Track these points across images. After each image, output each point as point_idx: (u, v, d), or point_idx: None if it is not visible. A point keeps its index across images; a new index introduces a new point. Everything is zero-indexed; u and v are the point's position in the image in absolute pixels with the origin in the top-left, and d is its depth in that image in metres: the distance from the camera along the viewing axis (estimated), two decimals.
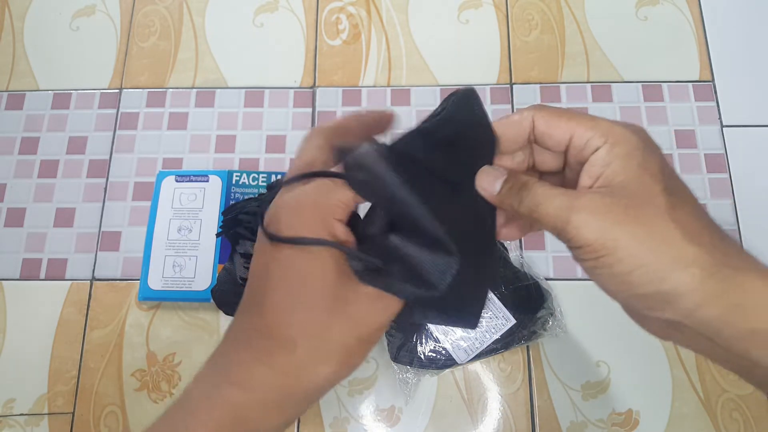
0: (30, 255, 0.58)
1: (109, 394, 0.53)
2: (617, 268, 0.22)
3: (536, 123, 0.26)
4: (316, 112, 0.62)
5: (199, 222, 0.54)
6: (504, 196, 0.25)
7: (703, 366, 0.53)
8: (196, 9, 0.67)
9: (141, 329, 0.55)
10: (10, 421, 0.52)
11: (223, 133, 0.61)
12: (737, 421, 0.51)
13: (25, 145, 0.61)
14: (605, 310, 0.55)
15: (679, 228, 0.22)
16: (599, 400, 0.52)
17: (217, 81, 0.63)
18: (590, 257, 0.23)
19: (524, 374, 0.53)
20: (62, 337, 0.55)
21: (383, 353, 0.53)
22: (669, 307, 0.22)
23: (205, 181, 0.56)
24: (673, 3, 0.65)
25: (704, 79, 0.62)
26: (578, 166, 0.25)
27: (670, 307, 0.22)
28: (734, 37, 0.64)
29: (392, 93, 0.62)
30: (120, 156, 0.61)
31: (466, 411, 0.52)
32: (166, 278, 0.53)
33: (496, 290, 0.52)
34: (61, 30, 0.66)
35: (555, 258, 0.56)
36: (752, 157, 0.59)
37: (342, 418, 0.52)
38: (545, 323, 0.52)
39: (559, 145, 0.25)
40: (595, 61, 0.63)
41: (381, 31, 0.65)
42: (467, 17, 0.65)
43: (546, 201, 0.24)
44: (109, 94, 0.63)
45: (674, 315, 0.22)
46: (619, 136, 0.24)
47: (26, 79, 0.64)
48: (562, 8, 0.65)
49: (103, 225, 0.58)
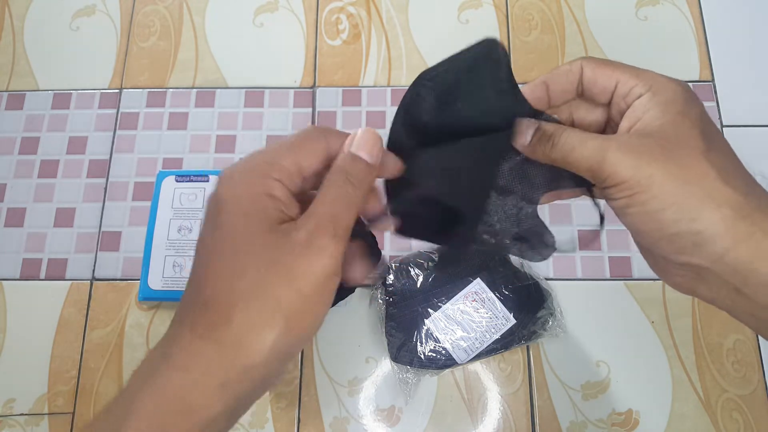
0: (30, 255, 0.58)
1: (109, 394, 0.53)
2: (650, 206, 0.22)
3: (584, 70, 0.26)
4: (316, 112, 0.62)
5: (199, 222, 0.54)
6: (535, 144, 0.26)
7: (703, 366, 0.53)
8: (196, 9, 0.67)
9: (141, 329, 0.55)
10: (10, 421, 0.52)
11: (223, 133, 0.61)
12: (737, 421, 0.51)
13: (25, 145, 0.61)
14: (605, 310, 0.55)
15: (714, 169, 0.22)
16: (599, 400, 0.52)
17: (217, 81, 0.63)
18: (624, 195, 0.23)
19: (524, 374, 0.53)
20: (62, 337, 0.55)
21: (383, 353, 0.53)
22: (698, 251, 0.22)
23: (206, 181, 0.56)
24: (673, 3, 0.65)
25: (704, 79, 0.62)
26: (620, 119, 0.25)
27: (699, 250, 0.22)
28: (734, 37, 0.64)
29: (392, 93, 0.62)
30: (120, 156, 0.61)
31: (466, 411, 0.52)
32: (166, 278, 0.53)
33: (497, 290, 0.52)
34: (61, 30, 0.66)
35: (555, 258, 0.56)
36: (752, 157, 0.59)
37: (342, 418, 0.52)
38: (545, 323, 0.52)
39: (605, 92, 0.26)
40: None
41: (381, 31, 0.65)
42: (467, 17, 0.65)
43: (581, 144, 0.24)
44: (109, 94, 0.63)
45: (702, 259, 0.22)
46: (663, 85, 0.24)
47: (26, 79, 0.64)
48: (562, 8, 0.65)
49: (103, 225, 0.58)
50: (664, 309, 0.55)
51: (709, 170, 0.22)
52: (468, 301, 0.52)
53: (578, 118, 0.28)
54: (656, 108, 0.24)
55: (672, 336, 0.54)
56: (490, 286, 0.52)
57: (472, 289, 0.52)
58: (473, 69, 0.25)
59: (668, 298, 0.55)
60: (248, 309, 0.21)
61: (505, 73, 0.25)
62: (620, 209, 0.24)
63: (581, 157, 0.24)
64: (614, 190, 0.23)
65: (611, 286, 0.55)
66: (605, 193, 0.24)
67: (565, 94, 0.27)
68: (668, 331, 0.54)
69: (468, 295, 0.52)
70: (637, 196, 0.22)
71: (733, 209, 0.21)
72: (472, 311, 0.51)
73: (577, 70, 0.26)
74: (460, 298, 0.52)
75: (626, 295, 0.55)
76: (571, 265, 0.56)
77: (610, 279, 0.56)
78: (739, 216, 0.21)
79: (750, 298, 0.22)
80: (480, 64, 0.25)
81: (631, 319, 0.54)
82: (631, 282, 0.55)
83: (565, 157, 0.25)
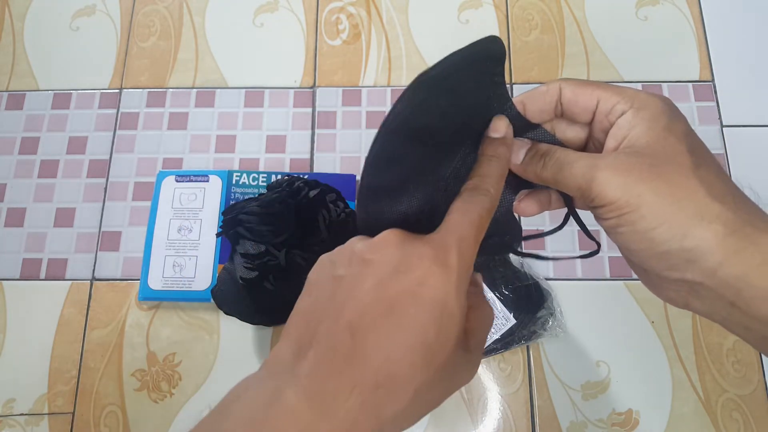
0: (30, 255, 0.58)
1: (109, 394, 0.53)
2: (640, 225, 0.22)
3: (563, 91, 0.26)
4: (316, 112, 0.62)
5: (199, 222, 0.54)
6: (527, 163, 0.26)
7: (703, 366, 0.53)
8: (196, 9, 0.67)
9: (141, 329, 0.55)
10: (10, 421, 0.52)
11: (223, 133, 0.61)
12: (737, 421, 0.51)
13: (25, 145, 0.61)
14: (605, 310, 0.55)
15: (703, 185, 0.22)
16: (599, 400, 0.52)
17: (217, 81, 0.63)
18: (614, 215, 0.23)
19: (524, 374, 0.53)
20: (62, 337, 0.55)
21: None
22: (691, 267, 0.22)
23: (205, 181, 0.56)
24: (673, 3, 0.65)
25: (704, 79, 0.62)
26: (603, 136, 0.25)
27: (692, 266, 0.22)
28: (734, 37, 0.64)
29: (392, 93, 0.62)
30: (120, 156, 0.61)
31: (466, 411, 0.52)
32: (166, 278, 0.53)
33: (497, 290, 0.52)
34: (61, 30, 0.66)
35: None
36: (752, 157, 0.59)
37: None
38: (545, 323, 0.52)
39: (586, 111, 0.26)
40: (595, 61, 0.63)
41: (381, 31, 0.65)
42: (467, 17, 0.65)
43: (570, 163, 0.24)
44: (109, 94, 0.63)
45: (695, 275, 0.22)
46: (645, 101, 0.24)
47: (26, 79, 0.64)
48: (562, 8, 0.65)
49: (103, 225, 0.58)
50: (664, 309, 0.55)
51: (698, 187, 0.22)
52: None
53: (559, 133, 0.28)
54: (641, 124, 0.23)
55: (672, 336, 0.54)
56: (490, 286, 0.52)
57: None
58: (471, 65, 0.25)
59: None
60: (413, 403, 0.22)
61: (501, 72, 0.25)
62: (610, 229, 0.24)
63: (571, 177, 0.24)
64: (604, 210, 0.23)
65: (611, 286, 0.55)
66: (595, 213, 0.24)
67: (542, 114, 0.27)
68: (668, 331, 0.54)
69: None
70: (627, 216, 0.22)
71: (724, 225, 0.21)
72: None
73: (555, 91, 0.26)
74: None
75: (626, 295, 0.55)
76: (571, 265, 0.56)
77: (610, 279, 0.56)
78: (730, 231, 0.21)
79: (743, 311, 0.22)
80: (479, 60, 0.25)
81: (631, 319, 0.54)
82: (631, 282, 0.55)
83: (555, 176, 0.25)
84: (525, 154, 0.26)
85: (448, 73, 0.24)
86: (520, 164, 0.26)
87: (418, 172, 0.27)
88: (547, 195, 0.29)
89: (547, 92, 0.26)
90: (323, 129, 0.61)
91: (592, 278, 0.56)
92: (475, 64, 0.24)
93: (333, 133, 0.61)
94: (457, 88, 0.24)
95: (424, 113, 0.25)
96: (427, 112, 0.25)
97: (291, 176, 0.54)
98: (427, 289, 0.21)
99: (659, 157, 0.23)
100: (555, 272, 0.56)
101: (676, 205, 0.22)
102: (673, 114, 0.24)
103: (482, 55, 0.24)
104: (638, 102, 0.24)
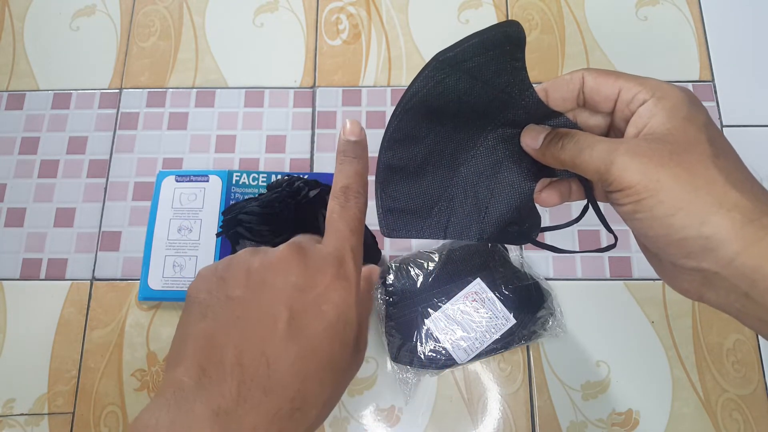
0: (30, 255, 0.58)
1: (109, 394, 0.53)
2: (658, 211, 0.22)
3: (585, 80, 0.26)
4: (316, 112, 0.62)
5: (199, 222, 0.54)
6: (546, 146, 0.26)
7: (703, 366, 0.53)
8: (196, 9, 0.67)
9: (141, 329, 0.55)
10: (10, 421, 0.52)
11: (223, 133, 0.61)
12: (737, 421, 0.51)
13: (25, 145, 0.61)
14: (605, 310, 0.55)
15: (722, 174, 0.22)
16: (599, 400, 0.52)
17: (217, 81, 0.63)
18: (632, 200, 0.23)
19: (524, 374, 0.53)
20: (62, 337, 0.55)
21: (383, 353, 0.53)
22: (707, 255, 0.22)
23: (205, 181, 0.56)
24: (673, 3, 0.65)
25: (704, 79, 0.62)
26: (624, 125, 0.25)
27: (709, 254, 0.22)
28: (734, 37, 0.64)
29: (392, 93, 0.62)
30: (120, 156, 0.61)
31: (466, 411, 0.52)
32: (166, 278, 0.53)
33: (497, 290, 0.52)
34: (61, 30, 0.66)
35: (555, 258, 0.56)
36: (752, 157, 0.59)
37: (342, 418, 0.52)
38: (545, 323, 0.52)
39: (607, 100, 0.26)
40: (595, 61, 0.63)
41: (381, 31, 0.65)
42: (467, 17, 0.65)
43: (589, 147, 0.24)
44: (109, 94, 0.63)
45: (711, 264, 0.22)
46: (667, 91, 0.24)
47: (26, 79, 0.64)
48: (562, 8, 0.65)
49: (103, 225, 0.58)
50: (664, 309, 0.55)
51: (717, 175, 0.22)
52: (468, 301, 0.52)
53: (581, 122, 0.28)
54: (662, 113, 0.24)
55: (672, 336, 0.54)
56: (490, 286, 0.52)
57: (472, 289, 0.52)
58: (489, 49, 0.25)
59: (668, 298, 0.55)
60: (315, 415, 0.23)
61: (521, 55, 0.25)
62: (627, 215, 0.24)
63: (590, 159, 0.24)
64: (621, 195, 0.23)
65: (611, 286, 0.55)
66: (611, 198, 0.24)
67: (565, 102, 0.27)
68: (668, 331, 0.54)
69: (468, 295, 0.52)
70: (645, 201, 0.22)
71: (742, 213, 0.21)
72: (472, 311, 0.51)
73: (578, 79, 0.26)
74: (460, 298, 0.52)
75: (626, 295, 0.55)
76: (571, 265, 0.56)
77: (610, 279, 0.56)
78: (748, 220, 0.21)
79: (758, 302, 0.22)
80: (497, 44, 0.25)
81: (631, 319, 0.54)
82: (631, 282, 0.55)
83: (574, 158, 0.25)
84: (543, 138, 0.26)
85: (467, 55, 0.24)
86: (539, 148, 0.26)
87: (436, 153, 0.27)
88: (567, 185, 0.29)
89: (571, 81, 0.27)
90: (323, 129, 0.61)
91: (592, 278, 0.56)
92: (494, 48, 0.24)
93: (333, 133, 0.61)
94: (475, 72, 0.25)
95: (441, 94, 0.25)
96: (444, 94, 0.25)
97: (291, 176, 0.54)
98: (331, 306, 0.22)
99: (679, 144, 0.23)
100: (555, 272, 0.56)
101: (695, 193, 0.22)
102: (693, 104, 0.24)
103: (500, 38, 0.24)
104: (660, 92, 0.24)
